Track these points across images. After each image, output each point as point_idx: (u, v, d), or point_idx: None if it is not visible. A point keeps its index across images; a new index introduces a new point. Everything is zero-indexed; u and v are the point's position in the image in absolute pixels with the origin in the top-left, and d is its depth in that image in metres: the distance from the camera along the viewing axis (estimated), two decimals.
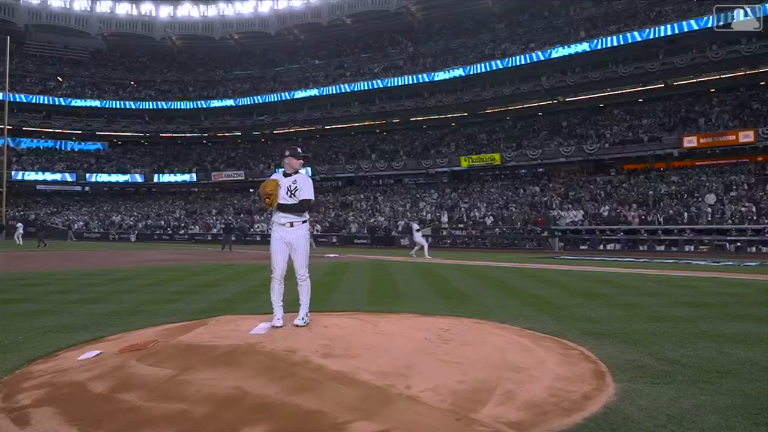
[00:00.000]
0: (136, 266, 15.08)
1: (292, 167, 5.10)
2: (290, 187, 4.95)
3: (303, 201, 4.95)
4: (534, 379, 3.70)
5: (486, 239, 30.37)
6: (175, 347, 3.88)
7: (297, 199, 4.94)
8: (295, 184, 4.97)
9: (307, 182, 5.03)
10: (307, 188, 4.99)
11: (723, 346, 4.87)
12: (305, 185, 4.99)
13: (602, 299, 8.11)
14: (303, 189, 4.96)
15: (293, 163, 5.09)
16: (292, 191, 4.94)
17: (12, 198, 47.45)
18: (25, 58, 55.72)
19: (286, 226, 4.94)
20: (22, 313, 6.58)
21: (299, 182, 4.99)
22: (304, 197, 4.96)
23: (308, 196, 4.98)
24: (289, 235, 4.93)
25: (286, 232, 4.94)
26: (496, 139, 45.18)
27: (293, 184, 4.97)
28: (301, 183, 4.99)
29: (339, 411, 2.97)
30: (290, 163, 5.10)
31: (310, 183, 5.06)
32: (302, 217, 5.01)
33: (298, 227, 4.97)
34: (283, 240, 4.95)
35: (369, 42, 57.64)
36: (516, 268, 14.41)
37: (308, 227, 5.15)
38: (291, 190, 4.94)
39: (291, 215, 4.95)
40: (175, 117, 56.75)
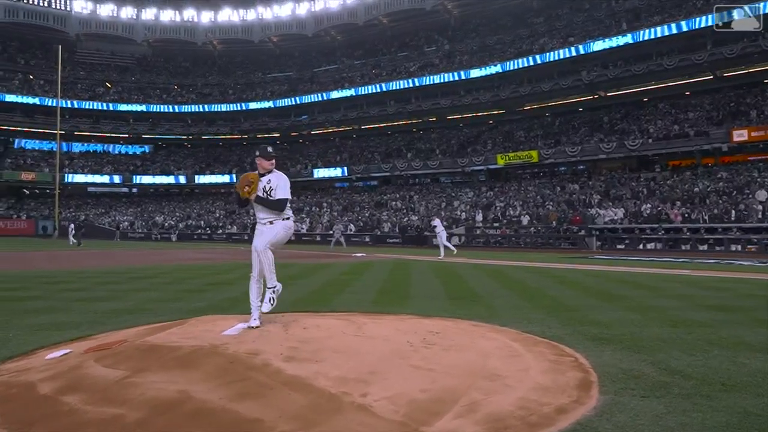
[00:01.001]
0: (162, 265, 15.40)
1: (264, 168, 4.92)
2: (265, 187, 4.82)
3: (279, 200, 4.80)
4: (508, 389, 3.42)
5: (520, 238, 29.61)
6: (138, 348, 3.80)
7: (273, 198, 4.81)
8: (270, 184, 4.83)
9: (281, 180, 4.88)
10: (282, 187, 4.84)
11: (739, 355, 4.44)
12: (279, 184, 4.84)
13: (621, 302, 7.65)
14: (277, 188, 4.82)
15: (263, 163, 4.92)
16: (267, 191, 4.81)
17: (65, 200, 49.73)
18: (77, 66, 58.27)
19: (267, 225, 4.83)
20: (29, 310, 6.73)
21: (273, 181, 4.85)
22: (280, 196, 4.80)
23: (284, 195, 4.82)
24: (264, 228, 4.85)
25: (267, 230, 4.82)
26: (534, 136, 44.07)
27: (267, 183, 4.84)
28: (275, 182, 4.85)
29: (279, 420, 2.80)
30: (260, 163, 4.93)
31: (285, 180, 4.91)
32: (281, 215, 4.86)
33: (277, 224, 4.84)
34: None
35: (405, 41, 57.41)
36: (541, 269, 13.90)
37: (290, 225, 4.99)
38: (266, 191, 4.81)
39: (270, 214, 4.83)
40: (215, 119, 58.15)
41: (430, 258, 19.31)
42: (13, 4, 56.77)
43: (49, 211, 43.66)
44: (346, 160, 52.00)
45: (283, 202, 4.82)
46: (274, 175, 4.91)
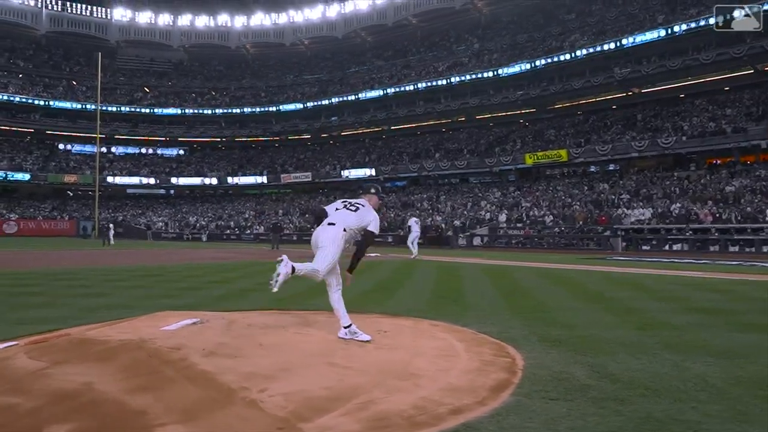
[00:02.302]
0: (176, 263, 15.84)
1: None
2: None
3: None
4: (416, 389, 3.41)
5: (543, 239, 29.04)
6: (70, 341, 3.96)
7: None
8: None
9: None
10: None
11: (688, 359, 4.27)
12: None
13: (605, 303, 7.46)
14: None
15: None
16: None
17: (105, 201, 51.77)
18: (117, 72, 60.60)
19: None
20: (24, 304, 7.05)
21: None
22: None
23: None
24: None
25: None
26: (564, 135, 43.14)
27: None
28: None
29: (163, 413, 2.87)
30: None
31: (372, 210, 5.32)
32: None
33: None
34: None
35: (434, 40, 57.24)
36: (547, 269, 13.60)
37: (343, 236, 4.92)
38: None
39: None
40: (248, 122, 59.35)
41: (445, 258, 19.20)
42: (57, 14, 59.58)
43: (90, 212, 45.55)
44: (375, 160, 52.18)
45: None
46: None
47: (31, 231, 46.60)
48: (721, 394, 3.43)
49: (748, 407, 3.19)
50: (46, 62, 59.16)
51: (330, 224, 4.78)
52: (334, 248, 4.63)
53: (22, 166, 52.63)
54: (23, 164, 52.94)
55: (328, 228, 4.77)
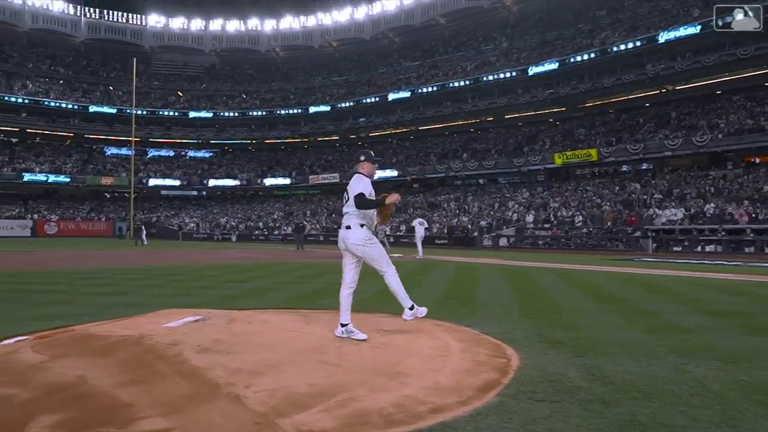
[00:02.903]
0: (199, 263, 16.20)
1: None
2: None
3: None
4: (401, 387, 3.43)
5: (570, 240, 28.51)
6: (73, 336, 4.13)
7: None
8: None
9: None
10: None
11: (692, 363, 4.16)
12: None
13: (616, 305, 7.32)
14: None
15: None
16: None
17: (140, 202, 53.37)
18: (151, 77, 62.34)
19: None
20: (42, 302, 7.35)
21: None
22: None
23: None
24: (354, 248, 5.06)
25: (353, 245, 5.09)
26: (595, 134, 42.27)
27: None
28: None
29: (149, 406, 2.97)
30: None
31: (357, 180, 5.08)
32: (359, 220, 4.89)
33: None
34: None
35: (462, 40, 56.90)
36: (569, 270, 13.36)
37: (365, 231, 4.99)
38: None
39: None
40: (277, 123, 60.18)
41: (466, 259, 19.07)
42: (95, 21, 61.73)
43: (125, 213, 46.99)
44: (402, 161, 52.17)
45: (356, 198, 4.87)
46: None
47: (71, 231, 48.38)
48: (716, 398, 3.33)
49: (741, 412, 3.10)
50: (84, 68, 61.30)
51: (347, 227, 4.91)
52: (370, 249, 4.83)
53: (62, 169, 54.64)
54: (63, 167, 54.96)
55: (347, 234, 4.87)
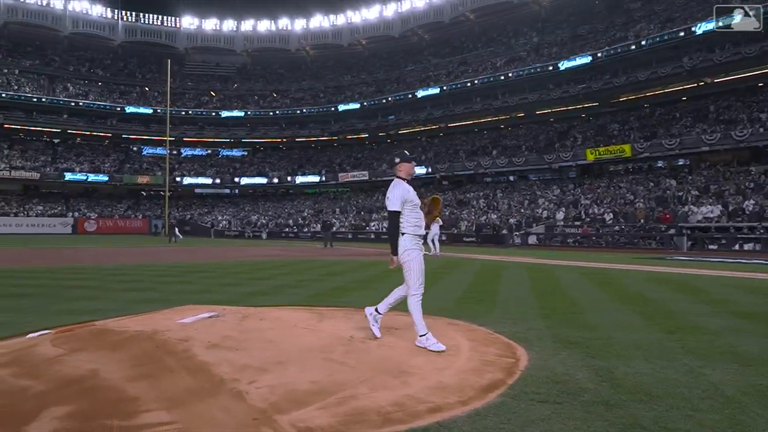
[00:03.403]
0: (227, 260, 16.51)
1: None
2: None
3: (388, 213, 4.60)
4: (403, 386, 3.44)
5: (601, 237, 27.87)
6: (91, 331, 4.27)
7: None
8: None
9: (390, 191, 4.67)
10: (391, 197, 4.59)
11: (710, 365, 4.04)
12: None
13: (642, 304, 7.16)
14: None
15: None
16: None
17: (174, 200, 54.64)
18: (185, 78, 63.75)
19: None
20: (73, 297, 7.63)
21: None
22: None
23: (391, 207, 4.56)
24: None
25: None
26: (629, 129, 41.13)
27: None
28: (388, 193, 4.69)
29: (154, 400, 3.06)
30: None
31: (392, 187, 4.68)
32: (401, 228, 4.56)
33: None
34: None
35: (492, 36, 56.21)
36: (596, 269, 13.08)
37: (408, 239, 4.59)
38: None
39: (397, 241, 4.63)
40: (307, 122, 60.70)
41: (493, 257, 18.89)
42: (132, 24, 63.57)
43: (161, 211, 48.26)
44: (431, 159, 51.91)
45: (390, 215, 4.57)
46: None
47: (109, 229, 50.01)
48: (727, 402, 3.23)
49: (752, 417, 3.00)
50: (121, 70, 63.16)
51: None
52: (406, 260, 4.56)
53: (101, 168, 56.47)
54: (102, 166, 56.80)
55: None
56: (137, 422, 2.80)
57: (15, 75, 56.47)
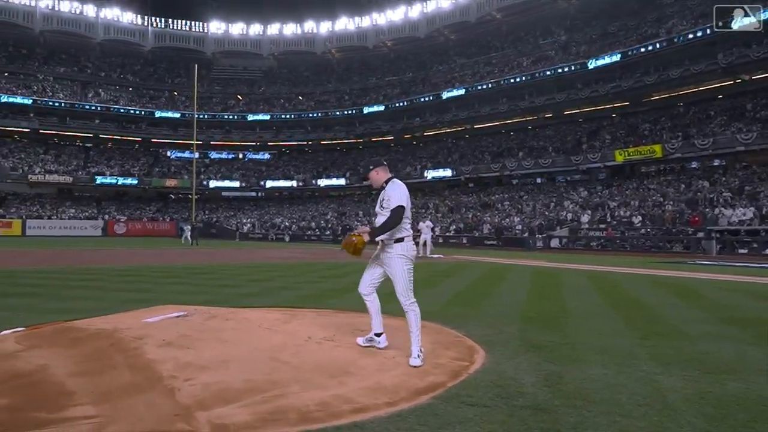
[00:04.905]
0: (239, 262, 16.79)
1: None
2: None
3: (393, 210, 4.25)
4: (337, 386, 3.46)
5: (627, 241, 27.17)
6: (56, 328, 4.44)
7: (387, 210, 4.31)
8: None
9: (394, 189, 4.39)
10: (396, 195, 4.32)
11: (668, 372, 3.95)
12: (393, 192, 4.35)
13: (632, 309, 7.03)
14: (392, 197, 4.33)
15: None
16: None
17: (201, 203, 55.74)
18: (212, 82, 65.09)
19: (382, 246, 4.44)
20: (72, 296, 7.89)
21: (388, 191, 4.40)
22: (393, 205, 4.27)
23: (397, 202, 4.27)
24: (382, 255, 4.43)
25: (382, 252, 4.46)
26: (660, 129, 39.99)
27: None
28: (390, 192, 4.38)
29: (87, 395, 3.17)
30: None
31: (397, 188, 4.40)
32: (393, 234, 4.29)
33: (388, 246, 4.35)
34: (378, 256, 4.50)
35: (519, 35, 55.48)
36: (603, 273, 12.78)
37: (403, 246, 4.32)
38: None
39: (383, 235, 4.32)
40: (332, 125, 61.10)
41: (506, 260, 18.67)
42: (161, 30, 65.32)
43: (188, 214, 49.28)
44: (457, 160, 51.60)
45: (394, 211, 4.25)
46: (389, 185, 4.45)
47: (138, 231, 51.30)
48: (663, 409, 3.15)
49: (679, 425, 2.92)
50: (151, 75, 64.94)
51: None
52: (395, 271, 4.30)
53: (131, 171, 58.07)
54: (131, 170, 58.41)
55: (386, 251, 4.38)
56: (62, 415, 2.90)
57: (50, 82, 58.67)
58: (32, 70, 58.66)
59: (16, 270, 12.74)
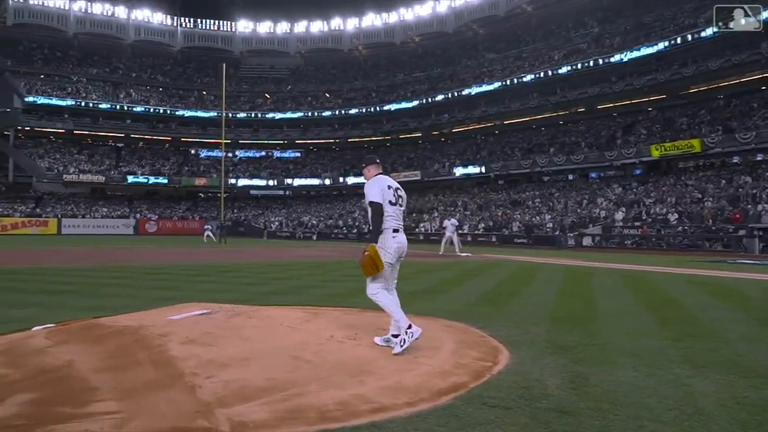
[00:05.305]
0: (264, 261, 17.00)
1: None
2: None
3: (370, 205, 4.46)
4: (357, 385, 3.44)
5: (663, 239, 26.37)
6: (83, 325, 4.54)
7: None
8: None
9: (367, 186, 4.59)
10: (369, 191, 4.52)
11: (702, 375, 3.79)
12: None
13: (667, 310, 6.81)
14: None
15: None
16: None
17: (230, 202, 56.55)
18: (240, 81, 65.92)
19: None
20: (104, 294, 8.09)
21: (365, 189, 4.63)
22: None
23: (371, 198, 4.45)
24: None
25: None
26: (699, 123, 38.58)
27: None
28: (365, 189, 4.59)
29: (110, 390, 3.21)
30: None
31: (369, 184, 4.60)
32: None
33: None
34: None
35: (550, 28, 54.40)
36: (637, 272, 12.42)
37: (382, 238, 4.43)
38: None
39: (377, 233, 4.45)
40: (359, 122, 61.11)
41: (535, 259, 18.37)
42: (190, 30, 66.59)
43: (217, 212, 50.04)
44: (486, 157, 50.98)
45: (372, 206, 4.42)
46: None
47: (168, 230, 52.27)
48: (695, 414, 3.01)
49: (710, 431, 2.76)
50: (180, 75, 66.22)
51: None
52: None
53: (161, 171, 59.21)
54: (162, 169, 59.54)
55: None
56: (86, 410, 2.95)
57: (83, 83, 60.41)
58: (66, 72, 60.51)
59: (51, 268, 13.15)
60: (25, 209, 50.63)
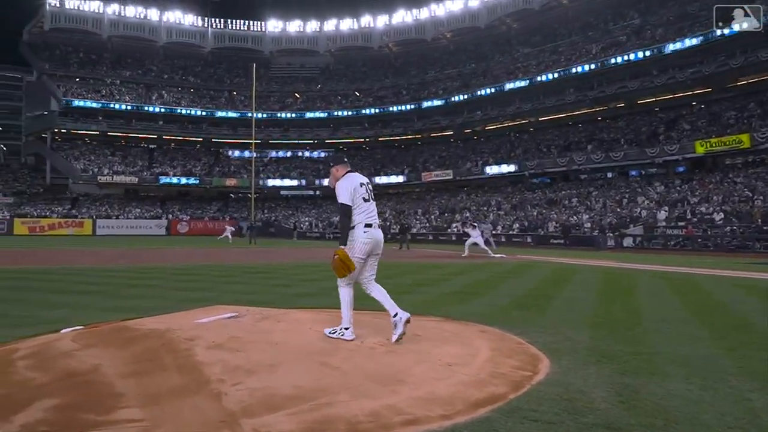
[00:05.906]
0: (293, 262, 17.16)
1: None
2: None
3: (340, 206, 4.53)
4: (388, 395, 3.26)
5: (709, 240, 25.28)
6: (111, 328, 4.51)
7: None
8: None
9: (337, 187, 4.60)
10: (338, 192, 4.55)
11: (761, 390, 3.46)
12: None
13: (717, 316, 6.48)
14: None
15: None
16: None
17: (260, 202, 56.67)
18: (270, 81, 66.47)
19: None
20: (129, 295, 8.14)
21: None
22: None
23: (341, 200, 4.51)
24: None
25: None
26: (749, 117, 36.77)
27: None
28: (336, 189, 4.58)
29: (138, 397, 3.13)
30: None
31: (340, 184, 4.60)
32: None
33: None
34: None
35: (587, 20, 52.97)
36: (683, 275, 11.86)
37: (352, 234, 4.54)
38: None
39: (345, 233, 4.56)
40: (390, 121, 60.80)
41: (574, 260, 17.84)
42: (220, 31, 67.66)
43: (247, 213, 50.46)
44: (520, 155, 50.00)
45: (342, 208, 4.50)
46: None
47: (199, 230, 52.71)
48: None
49: None
50: (211, 76, 67.27)
51: (379, 227, 4.85)
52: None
53: (193, 171, 60.16)
54: (193, 170, 60.51)
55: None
56: (110, 417, 2.88)
57: (117, 85, 62.08)
58: (101, 74, 62.25)
59: (83, 268, 13.37)
60: (61, 210, 52.21)
